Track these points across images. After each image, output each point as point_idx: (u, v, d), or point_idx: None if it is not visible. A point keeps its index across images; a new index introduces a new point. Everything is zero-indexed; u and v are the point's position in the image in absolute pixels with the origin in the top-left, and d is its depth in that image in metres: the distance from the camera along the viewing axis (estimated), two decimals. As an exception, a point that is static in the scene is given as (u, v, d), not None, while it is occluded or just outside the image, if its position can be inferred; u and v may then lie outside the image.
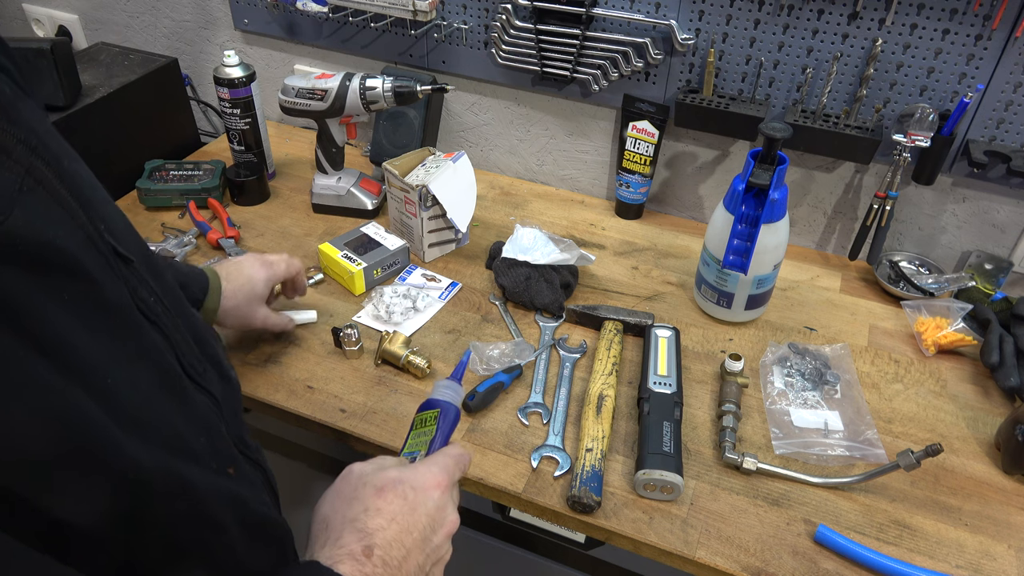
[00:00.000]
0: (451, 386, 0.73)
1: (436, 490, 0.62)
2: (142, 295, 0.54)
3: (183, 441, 0.52)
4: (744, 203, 1.05)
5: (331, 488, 0.62)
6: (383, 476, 0.61)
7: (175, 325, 0.58)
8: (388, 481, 0.61)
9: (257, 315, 1.00)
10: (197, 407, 0.57)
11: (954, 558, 0.84)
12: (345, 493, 0.61)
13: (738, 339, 1.14)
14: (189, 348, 0.60)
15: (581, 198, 1.49)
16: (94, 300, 0.46)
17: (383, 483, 0.60)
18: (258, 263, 1.00)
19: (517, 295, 1.16)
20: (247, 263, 1.00)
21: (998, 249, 1.25)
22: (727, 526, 0.86)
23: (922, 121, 1.11)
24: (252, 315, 0.99)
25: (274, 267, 1.01)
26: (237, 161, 1.44)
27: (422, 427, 0.70)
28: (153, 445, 0.48)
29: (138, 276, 0.54)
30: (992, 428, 1.00)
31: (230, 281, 0.96)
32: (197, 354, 0.62)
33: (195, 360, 0.60)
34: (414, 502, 0.60)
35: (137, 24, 1.71)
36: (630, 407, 1.01)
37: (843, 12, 1.12)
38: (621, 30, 1.26)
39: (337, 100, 1.25)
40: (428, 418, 0.70)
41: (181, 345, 0.58)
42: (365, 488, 0.60)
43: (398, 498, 0.60)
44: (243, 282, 0.97)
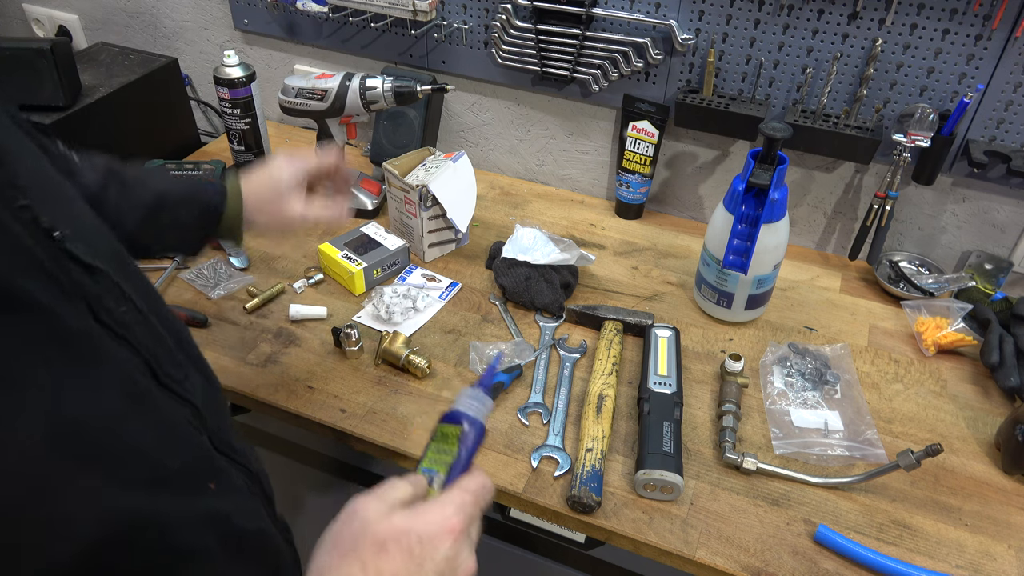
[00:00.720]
0: (477, 396, 0.65)
1: (448, 537, 0.53)
2: (108, 305, 0.50)
3: (154, 469, 0.49)
4: (744, 203, 1.05)
5: (332, 529, 0.54)
6: (388, 525, 0.53)
7: (150, 332, 0.55)
8: (393, 533, 0.52)
9: (292, 208, 0.89)
10: (173, 424, 0.54)
11: (954, 558, 0.84)
12: (344, 542, 0.53)
13: (738, 339, 1.14)
14: (167, 353, 0.57)
15: (581, 198, 1.49)
16: (44, 331, 0.43)
17: (386, 535, 0.52)
18: (282, 157, 0.92)
19: (517, 295, 1.16)
20: (270, 161, 0.92)
21: (998, 249, 1.25)
22: (727, 526, 0.86)
23: (922, 121, 1.11)
24: (285, 210, 0.89)
25: (300, 160, 0.92)
26: (237, 161, 1.44)
27: (443, 442, 0.63)
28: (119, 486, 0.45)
29: (106, 284, 0.51)
30: (992, 428, 1.00)
31: (250, 180, 0.89)
32: (177, 358, 0.58)
33: (173, 367, 0.57)
34: (421, 557, 0.52)
35: (137, 24, 1.71)
36: (630, 407, 1.01)
37: (843, 12, 1.12)
38: (621, 30, 1.26)
39: (337, 100, 1.25)
40: (450, 434, 0.63)
41: (157, 353, 0.55)
42: (365, 539, 0.52)
43: (402, 553, 0.52)
44: (265, 178, 0.89)
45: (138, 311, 0.54)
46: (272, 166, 0.90)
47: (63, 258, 0.47)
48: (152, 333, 0.55)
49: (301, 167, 0.91)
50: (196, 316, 1.10)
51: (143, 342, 0.53)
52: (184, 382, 0.57)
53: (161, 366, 0.54)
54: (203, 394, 0.60)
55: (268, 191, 0.89)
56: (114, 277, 0.52)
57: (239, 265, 1.23)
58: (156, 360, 0.54)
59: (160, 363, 0.54)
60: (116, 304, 0.51)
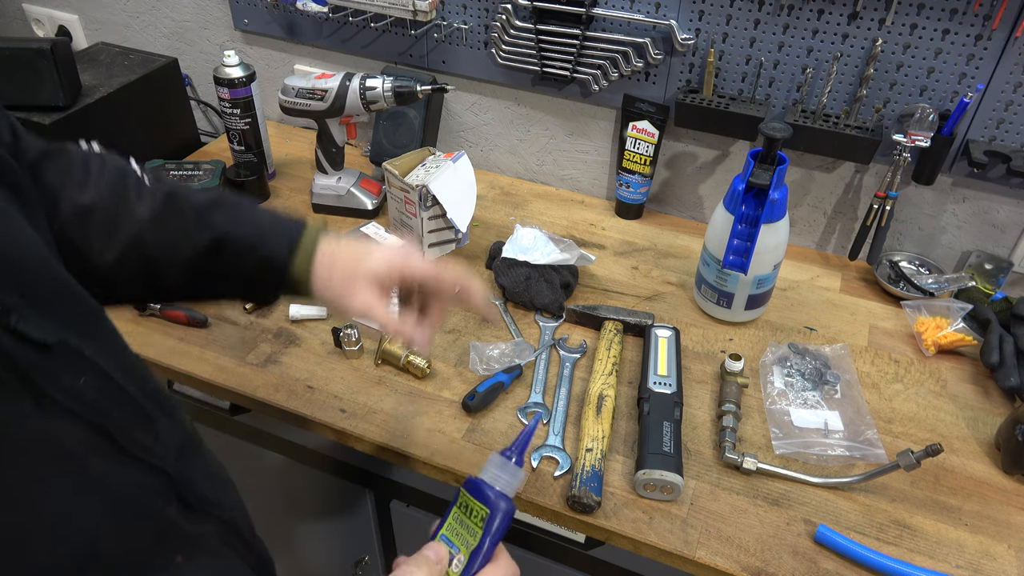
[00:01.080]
0: (507, 468, 0.58)
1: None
2: (65, 383, 0.46)
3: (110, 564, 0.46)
4: (744, 203, 1.05)
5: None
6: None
7: (116, 397, 0.51)
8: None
9: (355, 295, 0.73)
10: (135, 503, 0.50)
11: (954, 558, 0.84)
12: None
13: (738, 339, 1.14)
14: (136, 418, 0.53)
15: (581, 198, 1.49)
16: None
17: None
18: (390, 247, 0.77)
19: (517, 295, 1.16)
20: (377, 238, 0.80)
21: (998, 249, 1.25)
22: (727, 526, 0.86)
23: (922, 121, 1.11)
24: (348, 293, 0.73)
25: (403, 255, 0.75)
26: (237, 161, 1.44)
27: (466, 515, 0.59)
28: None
29: (62, 357, 0.47)
30: (992, 428, 1.00)
31: (333, 247, 0.74)
32: (149, 415, 0.54)
33: (141, 432, 0.52)
34: None
35: (137, 24, 1.71)
36: (630, 407, 1.01)
37: (843, 12, 1.12)
38: (621, 30, 1.26)
39: (337, 100, 1.25)
40: (475, 511, 0.58)
41: (123, 421, 0.51)
42: None
43: None
44: (347, 253, 0.74)
45: (104, 376, 0.50)
46: (364, 245, 0.76)
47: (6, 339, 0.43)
48: (117, 398, 0.51)
49: (395, 262, 0.74)
50: (196, 316, 1.10)
51: (107, 411, 0.49)
52: (153, 446, 0.53)
53: (127, 433, 0.50)
54: (176, 449, 0.56)
55: (341, 269, 0.74)
56: (75, 344, 0.48)
57: (239, 265, 1.23)
58: (120, 427, 0.50)
59: (125, 430, 0.50)
60: (76, 377, 0.48)
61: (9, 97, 1.25)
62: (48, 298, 0.49)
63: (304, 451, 1.17)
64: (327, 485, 1.21)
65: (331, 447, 1.14)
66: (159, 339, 1.09)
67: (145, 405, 0.54)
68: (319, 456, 1.17)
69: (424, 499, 1.11)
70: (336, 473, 1.18)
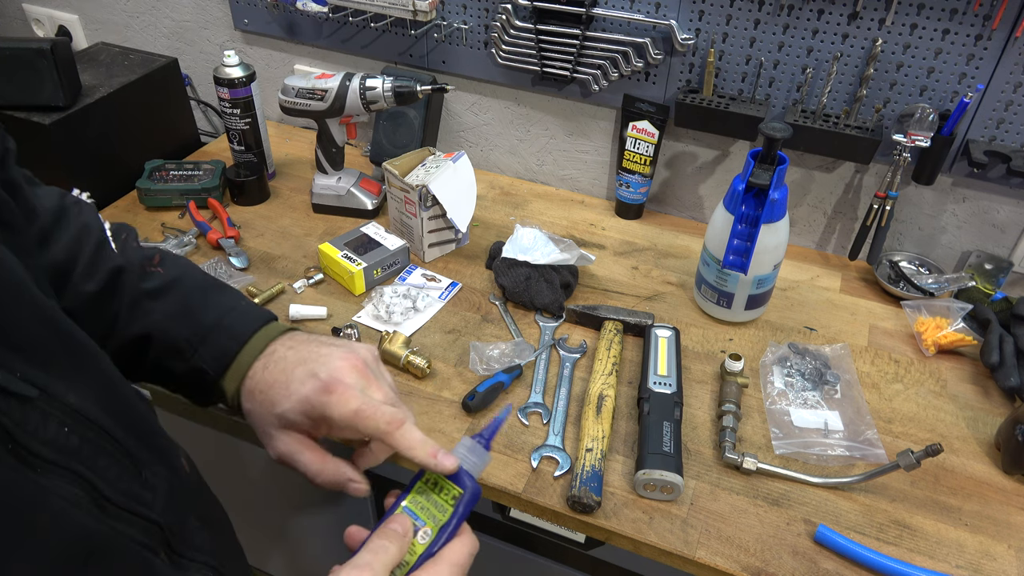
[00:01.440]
0: (476, 450, 0.61)
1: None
2: (48, 435, 0.44)
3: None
4: (744, 203, 1.05)
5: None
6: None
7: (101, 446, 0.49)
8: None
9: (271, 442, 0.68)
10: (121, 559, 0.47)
11: (954, 558, 0.84)
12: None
13: (738, 339, 1.14)
14: (122, 464, 0.51)
15: (581, 198, 1.49)
16: None
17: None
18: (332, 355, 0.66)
19: (517, 295, 1.16)
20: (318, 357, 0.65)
21: (998, 249, 1.25)
22: (727, 526, 0.86)
23: (922, 121, 1.11)
24: (266, 438, 0.68)
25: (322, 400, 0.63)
26: (237, 161, 1.44)
27: (434, 491, 0.60)
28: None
29: (44, 407, 0.45)
30: (992, 428, 1.00)
31: (263, 366, 0.67)
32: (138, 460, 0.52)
33: (131, 480, 0.51)
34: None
35: (137, 24, 1.71)
36: (630, 407, 1.01)
37: (843, 12, 1.12)
38: (621, 30, 1.26)
39: (337, 100, 1.25)
40: (446, 488, 0.59)
41: (110, 472, 0.49)
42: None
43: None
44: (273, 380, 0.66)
45: (88, 423, 0.48)
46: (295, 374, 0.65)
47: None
48: (103, 446, 0.50)
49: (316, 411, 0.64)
50: (196, 316, 1.10)
51: (91, 461, 0.48)
52: (141, 494, 0.51)
53: (113, 483, 0.49)
54: (166, 495, 0.54)
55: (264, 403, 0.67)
56: (57, 391, 0.46)
57: (239, 265, 1.23)
58: (106, 478, 0.48)
59: (111, 480, 0.49)
60: (60, 426, 0.46)
61: (9, 97, 1.25)
62: (34, 341, 0.47)
63: (304, 451, 1.17)
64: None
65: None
66: (159, 339, 1.08)
67: (134, 451, 0.53)
68: (319, 456, 1.16)
69: (424, 499, 1.11)
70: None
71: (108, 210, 1.37)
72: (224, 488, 0.78)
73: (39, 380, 0.46)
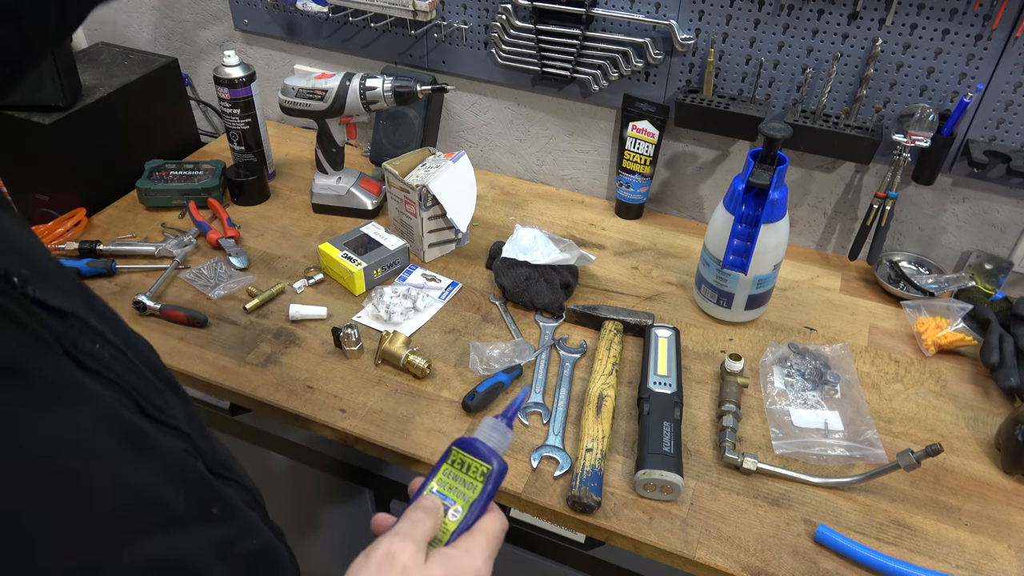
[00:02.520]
0: (499, 428, 0.63)
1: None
2: (86, 347, 0.48)
3: (164, 510, 0.47)
4: (744, 203, 1.05)
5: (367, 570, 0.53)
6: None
7: (128, 365, 0.53)
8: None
9: None
10: (171, 457, 0.51)
11: (954, 558, 0.84)
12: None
13: (738, 339, 1.14)
14: (148, 385, 0.54)
15: (581, 198, 1.49)
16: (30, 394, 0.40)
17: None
18: None
19: (517, 295, 1.16)
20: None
21: (998, 249, 1.25)
22: (727, 526, 0.86)
23: (922, 121, 1.11)
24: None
25: None
26: (237, 161, 1.44)
27: (462, 470, 0.61)
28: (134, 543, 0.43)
29: (77, 326, 0.48)
30: (992, 428, 1.00)
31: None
32: (157, 386, 0.56)
33: (157, 397, 0.54)
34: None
35: (137, 24, 1.71)
36: (630, 407, 1.01)
37: (843, 12, 1.12)
38: (621, 30, 1.26)
39: (337, 100, 1.25)
40: (473, 467, 0.61)
41: (140, 387, 0.52)
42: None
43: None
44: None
45: (112, 345, 0.52)
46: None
47: (32, 306, 0.44)
48: (128, 365, 0.53)
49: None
50: (196, 316, 1.10)
51: (124, 376, 0.51)
52: (168, 410, 0.55)
53: (146, 398, 0.52)
54: (187, 419, 0.58)
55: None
56: (83, 316, 0.50)
57: (239, 265, 1.23)
58: (140, 393, 0.52)
59: (143, 395, 0.52)
60: (91, 343, 0.49)
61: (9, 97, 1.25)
62: (51, 275, 0.51)
63: (304, 451, 1.17)
64: (327, 485, 1.21)
65: (331, 447, 1.14)
66: (159, 339, 1.09)
67: (151, 377, 0.56)
68: (319, 456, 1.17)
69: (424, 499, 1.11)
70: (336, 473, 1.18)
71: (108, 210, 1.37)
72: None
73: (68, 302, 0.48)
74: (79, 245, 1.23)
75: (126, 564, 0.42)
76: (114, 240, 1.27)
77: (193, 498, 0.51)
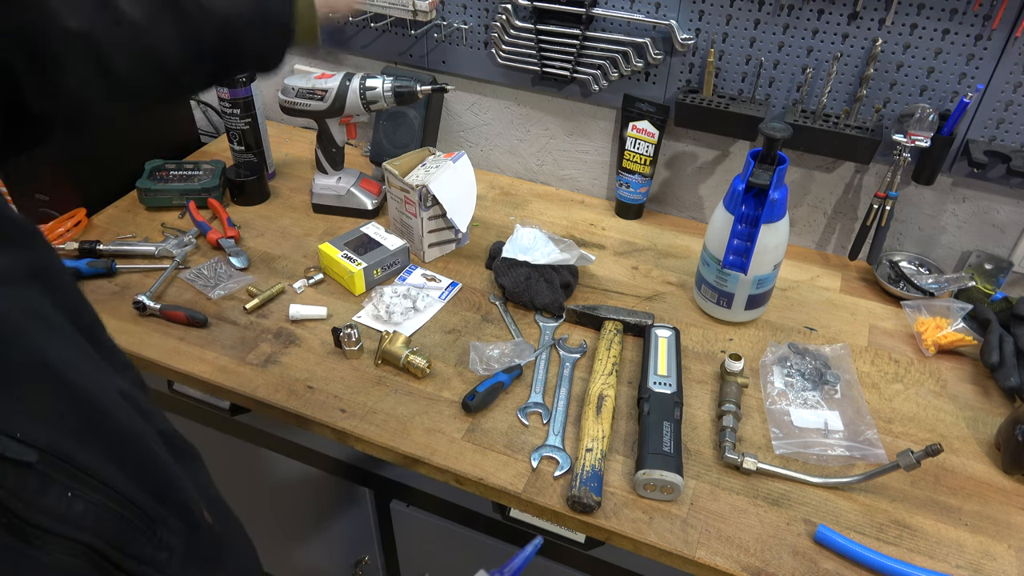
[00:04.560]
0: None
1: None
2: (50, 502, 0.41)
3: None
4: (744, 203, 1.05)
5: None
6: None
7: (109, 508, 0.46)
8: None
9: None
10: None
11: (954, 558, 0.84)
12: None
13: (738, 339, 1.14)
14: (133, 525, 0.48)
15: (581, 198, 1.49)
16: None
17: None
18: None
19: (517, 295, 1.16)
20: None
21: (998, 249, 1.25)
22: (727, 526, 0.86)
23: (922, 121, 1.11)
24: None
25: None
26: (237, 161, 1.44)
27: None
28: None
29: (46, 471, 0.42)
30: (992, 428, 1.00)
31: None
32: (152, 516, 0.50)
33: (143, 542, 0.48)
34: None
35: (137, 24, 1.71)
36: (630, 407, 1.01)
37: (843, 12, 1.12)
38: (621, 30, 1.26)
39: (337, 100, 1.25)
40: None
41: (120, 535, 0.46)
42: None
43: None
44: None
45: (96, 483, 0.45)
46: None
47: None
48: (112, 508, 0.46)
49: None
50: (196, 316, 1.10)
51: (96, 528, 0.45)
52: (155, 556, 0.49)
53: (122, 548, 0.46)
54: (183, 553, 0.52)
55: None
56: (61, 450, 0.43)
57: (239, 265, 1.23)
58: (115, 543, 0.46)
59: (121, 545, 0.46)
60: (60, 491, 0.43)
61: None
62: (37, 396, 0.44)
63: (304, 451, 1.17)
64: (327, 485, 1.21)
65: (331, 447, 1.14)
66: (159, 339, 1.09)
67: (148, 509, 0.50)
68: (319, 456, 1.17)
69: (424, 499, 1.12)
70: (336, 473, 1.18)
71: (108, 210, 1.37)
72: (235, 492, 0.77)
73: (41, 439, 0.42)
74: (79, 245, 1.23)
75: None
76: (114, 240, 1.27)
77: None
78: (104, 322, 0.60)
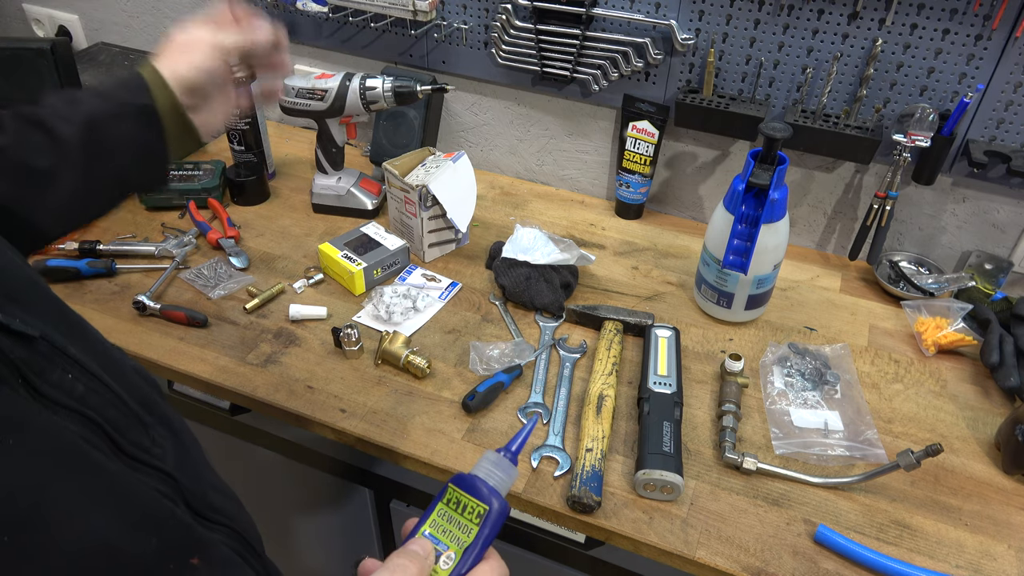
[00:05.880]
0: (501, 464, 0.56)
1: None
2: (54, 377, 0.45)
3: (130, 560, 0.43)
4: (744, 203, 1.05)
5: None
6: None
7: (105, 397, 0.50)
8: None
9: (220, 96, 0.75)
10: (144, 501, 0.48)
11: (954, 558, 0.84)
12: None
13: (738, 339, 1.14)
14: (132, 420, 0.52)
15: (581, 198, 1.49)
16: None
17: None
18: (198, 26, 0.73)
19: (517, 295, 1.16)
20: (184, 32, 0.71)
21: (998, 249, 1.25)
22: (727, 526, 0.86)
23: (922, 121, 1.11)
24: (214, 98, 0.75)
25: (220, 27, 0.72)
26: (237, 161, 1.44)
27: (457, 511, 0.55)
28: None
29: (47, 352, 0.46)
30: (992, 428, 1.00)
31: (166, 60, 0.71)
32: (144, 420, 0.53)
33: (140, 434, 0.52)
34: None
35: (137, 24, 1.71)
36: (630, 407, 1.01)
37: (843, 12, 1.12)
38: (621, 30, 1.26)
39: (337, 100, 1.25)
40: (469, 507, 0.55)
41: (115, 420, 0.50)
42: None
43: None
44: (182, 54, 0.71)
45: (90, 375, 0.49)
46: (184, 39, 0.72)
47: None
48: (109, 398, 0.50)
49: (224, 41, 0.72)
50: (196, 316, 1.10)
51: (102, 410, 0.48)
52: (152, 448, 0.52)
53: (123, 434, 0.50)
54: (175, 456, 0.55)
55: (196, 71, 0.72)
56: (56, 341, 0.47)
57: (239, 265, 1.23)
58: (118, 428, 0.49)
59: (121, 430, 0.50)
60: (63, 372, 0.47)
61: (9, 97, 1.25)
62: (21, 293, 0.49)
63: (304, 451, 1.17)
64: (327, 485, 1.21)
65: (331, 447, 1.14)
66: (159, 339, 1.09)
67: (138, 411, 0.53)
68: (319, 456, 1.17)
69: (424, 499, 1.11)
70: (336, 473, 1.18)
71: (108, 210, 1.37)
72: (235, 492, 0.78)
73: (37, 328, 0.46)
74: (79, 245, 1.23)
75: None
76: (114, 240, 1.27)
77: (168, 546, 0.47)
78: (104, 322, 0.61)
